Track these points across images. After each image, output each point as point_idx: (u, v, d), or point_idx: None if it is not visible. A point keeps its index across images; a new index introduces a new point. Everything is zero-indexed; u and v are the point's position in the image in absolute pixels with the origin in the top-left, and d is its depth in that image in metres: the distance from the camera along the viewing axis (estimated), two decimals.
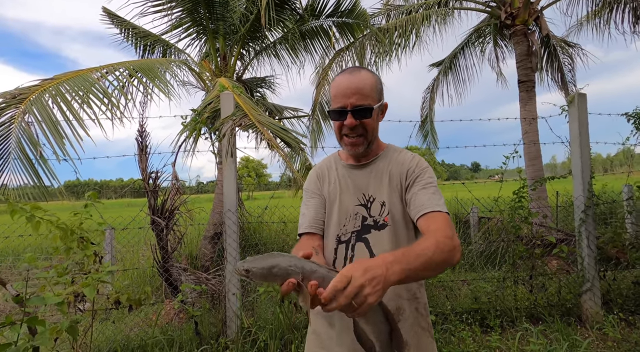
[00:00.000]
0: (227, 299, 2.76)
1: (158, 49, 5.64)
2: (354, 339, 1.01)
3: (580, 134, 3.21)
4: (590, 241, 3.13)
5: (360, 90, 1.02)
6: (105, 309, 2.59)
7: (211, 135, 2.96)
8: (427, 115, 9.17)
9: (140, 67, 3.64)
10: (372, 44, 6.89)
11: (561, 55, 8.34)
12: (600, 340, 2.76)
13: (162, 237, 2.81)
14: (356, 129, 1.05)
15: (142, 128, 2.84)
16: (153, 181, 2.81)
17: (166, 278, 3.06)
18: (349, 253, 1.07)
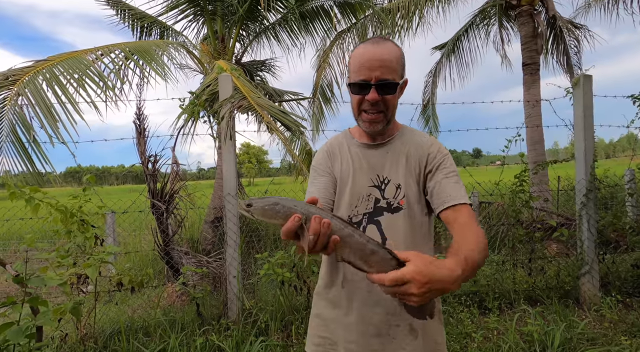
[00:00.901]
0: (227, 281, 2.79)
1: (155, 31, 5.52)
2: (359, 320, 1.00)
3: (584, 116, 3.16)
4: (590, 224, 3.13)
5: (386, 63, 0.95)
6: (107, 291, 2.62)
7: (210, 118, 2.92)
8: (429, 99, 9.04)
9: (136, 49, 3.56)
10: (374, 25, 6.72)
11: (567, 37, 8.13)
12: (597, 321, 2.79)
13: (162, 221, 2.82)
14: (377, 104, 0.98)
15: (140, 111, 2.80)
16: (152, 164, 2.80)
17: (167, 261, 3.09)
18: None
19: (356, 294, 1.01)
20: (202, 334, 2.48)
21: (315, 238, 0.68)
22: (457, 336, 2.56)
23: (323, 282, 1.11)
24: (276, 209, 0.71)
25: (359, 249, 0.71)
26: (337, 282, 1.05)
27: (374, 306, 0.99)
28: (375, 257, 0.71)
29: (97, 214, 2.43)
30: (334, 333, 1.04)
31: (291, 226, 0.68)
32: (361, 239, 0.72)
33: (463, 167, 4.31)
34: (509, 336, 2.41)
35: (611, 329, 2.63)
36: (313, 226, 0.67)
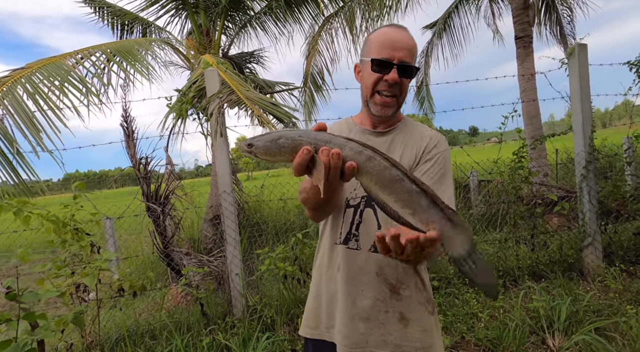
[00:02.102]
0: (230, 279, 2.77)
1: (137, 28, 5.37)
2: (350, 304, 0.98)
3: (581, 87, 3.09)
4: (591, 196, 3.10)
5: (409, 48, 0.96)
6: (110, 297, 2.60)
7: (199, 115, 2.85)
8: (422, 80, 8.91)
9: (118, 50, 3.46)
10: (362, 8, 6.55)
11: (560, 6, 7.96)
12: (602, 292, 2.79)
13: (159, 224, 2.78)
14: (394, 87, 0.97)
15: (127, 113, 2.73)
16: (144, 166, 2.74)
17: (168, 263, 3.07)
18: (357, 219, 1.02)
19: (349, 277, 1.00)
20: (208, 333, 2.47)
21: (327, 171, 0.61)
22: (464, 316, 2.56)
23: (318, 264, 1.10)
24: (280, 143, 0.64)
25: (379, 174, 0.60)
26: (333, 266, 1.04)
27: (365, 290, 0.99)
28: (399, 186, 0.59)
29: (92, 221, 2.39)
30: (328, 316, 1.04)
31: (301, 161, 0.61)
32: (384, 162, 0.61)
33: (460, 147, 4.26)
34: (515, 314, 2.41)
35: (616, 299, 2.63)
36: (322, 160, 0.61)
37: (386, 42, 0.96)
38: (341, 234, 1.03)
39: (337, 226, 1.04)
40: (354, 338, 0.97)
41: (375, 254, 0.99)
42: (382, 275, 0.99)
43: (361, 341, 0.97)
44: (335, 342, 1.00)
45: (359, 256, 1.00)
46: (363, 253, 1.00)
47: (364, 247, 1.00)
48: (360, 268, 1.00)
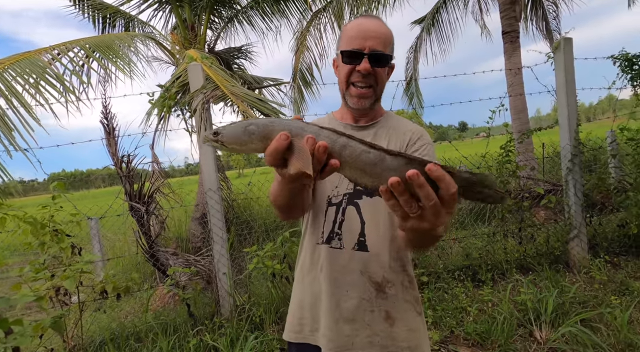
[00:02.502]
0: (217, 278, 2.72)
1: (119, 22, 5.20)
2: (334, 305, 0.94)
3: (566, 81, 3.11)
4: (577, 189, 3.14)
5: (380, 36, 0.93)
6: (93, 300, 2.53)
7: (182, 111, 2.77)
8: (411, 76, 8.92)
9: (97, 45, 3.34)
10: (350, 3, 6.49)
11: (545, 1, 8.04)
12: (587, 283, 2.83)
13: (143, 223, 2.71)
14: (368, 77, 0.94)
15: (107, 110, 2.64)
16: (126, 165, 2.66)
17: (153, 263, 3.00)
18: (339, 217, 0.99)
19: (332, 277, 0.97)
20: (196, 334, 2.42)
21: None
22: (453, 311, 2.57)
23: (300, 265, 1.07)
24: (250, 129, 0.58)
25: (358, 161, 0.54)
26: (315, 266, 1.01)
27: (350, 290, 0.96)
28: (382, 166, 0.53)
29: (72, 222, 2.31)
30: (312, 319, 1.00)
31: (278, 146, 0.53)
32: (361, 146, 0.55)
33: (449, 142, 4.27)
34: (503, 307, 2.42)
35: (601, 290, 2.68)
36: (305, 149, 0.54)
37: (356, 33, 0.94)
38: (323, 233, 1.00)
39: (318, 225, 1.01)
40: (339, 341, 0.95)
41: (359, 253, 0.97)
42: (366, 273, 0.96)
43: (347, 343, 0.95)
44: (320, 346, 0.97)
45: (342, 255, 0.97)
46: (346, 252, 0.97)
47: (347, 246, 0.97)
48: (343, 267, 0.97)
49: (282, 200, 0.86)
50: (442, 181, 0.49)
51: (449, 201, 0.50)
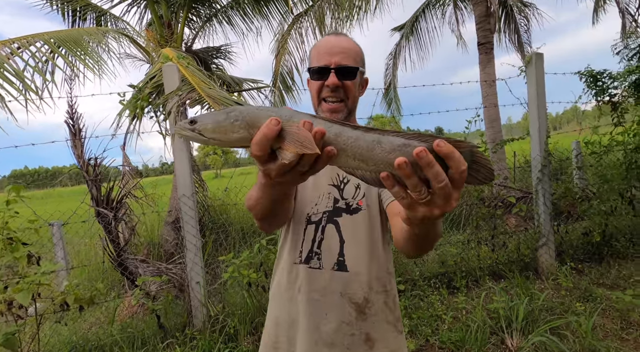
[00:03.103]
0: (190, 288, 2.62)
1: (90, 16, 4.95)
2: (312, 328, 0.91)
3: (537, 94, 3.24)
4: (546, 198, 3.27)
5: (346, 51, 0.95)
6: (53, 312, 2.36)
7: (156, 113, 2.66)
8: (390, 82, 9.06)
9: (63, 40, 3.15)
10: (331, 8, 6.51)
11: (517, 15, 8.42)
12: (554, 290, 2.95)
13: (110, 230, 2.56)
14: (337, 91, 0.95)
15: (72, 109, 2.48)
16: (93, 168, 2.51)
17: (121, 272, 2.85)
18: (319, 235, 0.96)
19: (311, 299, 0.93)
20: (166, 347, 2.31)
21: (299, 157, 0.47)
22: (429, 319, 2.59)
23: (276, 284, 1.02)
24: (233, 116, 0.50)
25: (354, 146, 0.48)
26: (293, 286, 0.97)
27: (329, 313, 0.93)
28: (380, 149, 0.48)
29: (29, 229, 2.14)
30: (288, 342, 0.96)
31: (268, 132, 0.46)
32: (355, 132, 0.49)
33: None
34: (477, 315, 2.47)
35: (567, 297, 2.79)
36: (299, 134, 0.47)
37: (323, 50, 0.95)
38: (302, 252, 0.96)
39: (296, 244, 0.97)
40: None
41: (339, 273, 0.94)
42: (346, 295, 0.93)
43: None
44: None
45: (321, 276, 0.94)
46: (326, 272, 0.94)
47: (326, 266, 0.94)
48: (323, 289, 0.93)
49: (264, 207, 0.77)
50: (452, 159, 0.44)
51: (459, 180, 0.45)
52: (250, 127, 0.50)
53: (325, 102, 0.96)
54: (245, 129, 0.50)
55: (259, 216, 0.82)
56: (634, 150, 3.56)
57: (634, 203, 3.67)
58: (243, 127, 0.50)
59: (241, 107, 0.52)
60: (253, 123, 0.49)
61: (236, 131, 0.50)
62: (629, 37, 7.31)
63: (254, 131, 0.49)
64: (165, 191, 5.74)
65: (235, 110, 0.51)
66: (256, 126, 0.49)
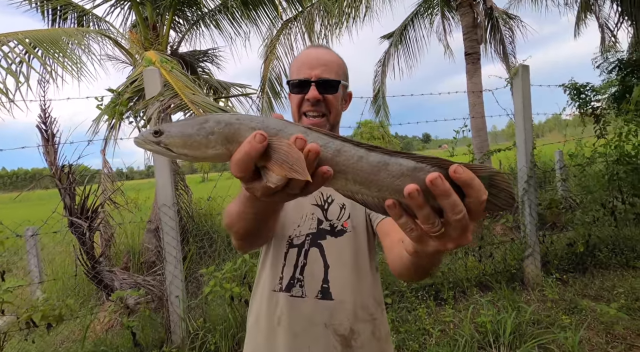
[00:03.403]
0: (169, 302, 2.50)
1: (71, 15, 4.77)
2: None
3: (524, 106, 3.27)
4: (532, 209, 3.28)
5: (327, 64, 0.92)
6: (19, 329, 2.20)
7: (136, 119, 2.55)
8: (379, 88, 9.11)
9: (40, 40, 3.01)
10: (321, 14, 6.50)
11: (503, 27, 8.61)
12: (540, 302, 2.95)
13: (85, 241, 2.43)
14: (319, 105, 0.91)
15: (46, 113, 2.35)
16: (67, 175, 2.38)
17: (97, 284, 2.70)
18: (301, 260, 0.89)
19: (292, 331, 0.86)
20: None
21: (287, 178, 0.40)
22: (416, 333, 2.54)
23: (255, 314, 0.94)
24: (208, 128, 0.42)
25: (355, 168, 0.41)
26: (272, 317, 0.89)
27: (313, 346, 0.86)
28: (386, 172, 0.41)
29: None
30: None
31: (251, 150, 0.38)
32: (358, 150, 0.42)
33: None
34: (464, 329, 2.43)
35: (553, 309, 2.79)
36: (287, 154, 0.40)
37: (303, 63, 0.92)
38: (282, 279, 0.89)
39: (276, 269, 0.90)
40: None
41: (323, 302, 0.87)
42: (331, 326, 0.86)
43: None
44: None
45: (304, 305, 0.87)
46: (309, 301, 0.87)
47: (309, 294, 0.87)
48: (306, 320, 0.86)
49: (247, 224, 0.69)
50: (471, 187, 0.38)
51: (478, 211, 0.39)
52: (229, 143, 0.42)
53: (305, 116, 0.92)
54: (223, 145, 0.42)
55: (240, 235, 0.74)
56: (615, 162, 3.64)
57: (615, 214, 3.74)
58: (220, 143, 0.42)
59: (218, 116, 0.44)
60: (232, 137, 0.42)
61: (212, 146, 0.42)
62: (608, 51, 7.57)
63: (233, 147, 0.41)
64: (150, 194, 5.56)
65: (210, 121, 0.43)
66: (236, 141, 0.41)
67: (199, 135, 0.42)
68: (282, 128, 0.42)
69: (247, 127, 0.42)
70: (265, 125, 0.42)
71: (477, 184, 0.38)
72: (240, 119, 0.43)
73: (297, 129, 0.42)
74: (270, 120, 0.43)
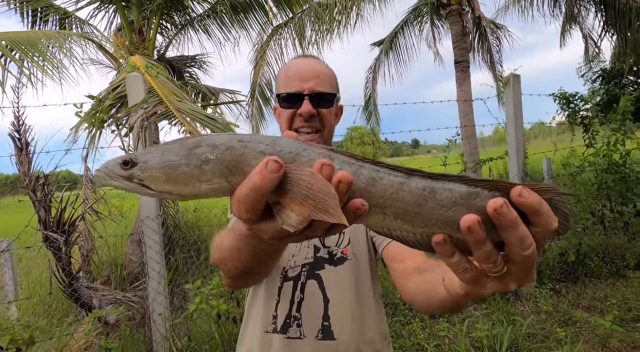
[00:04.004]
0: (152, 320, 2.36)
1: (53, 17, 4.61)
2: None
3: (515, 115, 3.27)
4: None
5: (320, 75, 0.85)
6: None
7: (118, 126, 2.42)
8: (370, 95, 9.13)
9: (17, 42, 2.87)
10: (312, 21, 6.48)
11: (490, 36, 8.76)
12: (535, 313, 2.91)
13: (61, 257, 2.28)
14: (312, 121, 0.83)
15: (19, 121, 2.21)
16: (41, 187, 2.23)
17: (75, 301, 2.54)
18: (298, 295, 0.80)
19: None
20: None
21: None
22: (410, 348, 2.46)
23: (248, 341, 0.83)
24: (199, 154, 0.32)
25: (396, 200, 0.33)
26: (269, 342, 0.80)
27: None
28: (433, 203, 0.33)
29: None
30: None
31: (263, 183, 0.30)
32: (396, 176, 0.33)
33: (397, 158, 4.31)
34: (460, 344, 2.36)
35: (548, 321, 2.75)
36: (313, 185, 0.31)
37: (293, 74, 0.84)
38: (276, 318, 0.79)
39: (269, 306, 0.80)
40: None
41: (325, 342, 0.77)
42: None
43: None
44: None
45: (303, 348, 0.77)
46: (308, 343, 0.77)
47: (308, 335, 0.77)
48: (311, 342, 0.77)
49: (240, 265, 0.58)
50: (539, 213, 0.31)
51: (543, 241, 0.33)
52: (231, 174, 0.32)
53: (297, 133, 0.83)
54: (222, 177, 0.32)
55: (232, 274, 0.64)
56: (604, 171, 3.67)
57: (604, 222, 3.76)
58: (218, 174, 0.32)
59: (214, 137, 0.34)
60: (235, 166, 0.32)
61: (207, 180, 0.32)
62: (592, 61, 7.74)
63: (236, 179, 0.32)
64: (135, 202, 5.37)
65: (204, 144, 0.33)
66: (240, 171, 0.32)
67: (189, 165, 0.32)
68: (299, 151, 0.33)
69: (254, 151, 0.32)
70: (279, 148, 0.33)
71: (546, 210, 0.32)
72: (244, 140, 0.33)
73: (319, 152, 0.33)
74: (283, 141, 0.34)
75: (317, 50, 6.20)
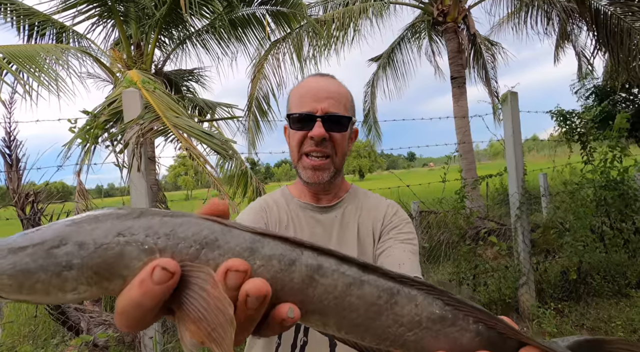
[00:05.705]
0: (142, 344, 2.25)
1: (50, 31, 4.60)
2: None
3: (513, 132, 3.27)
4: (525, 236, 3.23)
5: (335, 96, 0.79)
6: None
7: (113, 142, 2.37)
8: (369, 109, 9.21)
9: (14, 55, 2.84)
10: (309, 36, 6.56)
11: (485, 53, 8.92)
12: (538, 334, 2.83)
13: None
14: (324, 145, 0.78)
15: (11, 136, 2.15)
16: (31, 204, 2.16)
17: (62, 323, 2.44)
18: (301, 337, 0.73)
19: None
20: None
21: None
22: None
23: None
24: (59, 257, 0.24)
25: (342, 305, 0.27)
26: None
27: None
28: (394, 315, 0.27)
29: None
30: None
31: (143, 298, 0.23)
32: (342, 276, 0.27)
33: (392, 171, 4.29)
34: None
35: None
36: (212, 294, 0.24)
37: (306, 94, 0.78)
38: None
39: (269, 349, 0.74)
40: None
41: None
42: None
43: None
44: None
45: None
46: None
47: None
48: None
49: None
50: None
51: None
52: (105, 279, 0.25)
53: (307, 157, 0.78)
54: (91, 285, 0.25)
55: None
56: (603, 188, 3.66)
57: (604, 239, 3.73)
58: (85, 282, 0.24)
59: (87, 225, 0.25)
60: (109, 271, 0.24)
61: (71, 289, 0.24)
62: (585, 78, 7.88)
63: (113, 286, 0.25)
64: None
65: (69, 241, 0.24)
66: (117, 275, 0.25)
67: (46, 272, 0.24)
68: (208, 242, 0.25)
69: (136, 249, 0.24)
70: (175, 240, 0.25)
71: None
72: (126, 233, 0.25)
73: (234, 242, 0.26)
74: (188, 227, 0.25)
75: (315, 65, 6.25)
